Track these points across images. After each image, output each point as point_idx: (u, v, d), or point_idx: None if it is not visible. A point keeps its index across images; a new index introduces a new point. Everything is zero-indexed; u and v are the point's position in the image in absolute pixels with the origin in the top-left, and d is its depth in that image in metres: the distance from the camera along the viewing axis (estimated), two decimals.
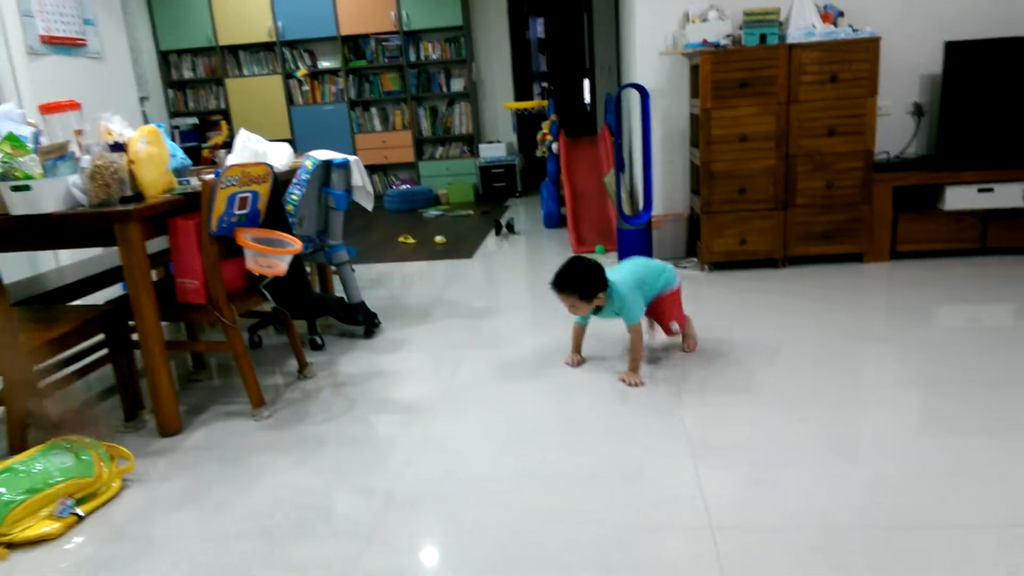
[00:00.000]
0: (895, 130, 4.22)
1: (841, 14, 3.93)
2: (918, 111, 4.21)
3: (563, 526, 1.81)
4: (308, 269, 3.40)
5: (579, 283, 2.60)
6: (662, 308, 2.84)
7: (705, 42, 3.91)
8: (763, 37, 3.80)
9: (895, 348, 2.80)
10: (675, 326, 2.85)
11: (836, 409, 2.32)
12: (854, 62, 3.68)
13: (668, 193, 4.46)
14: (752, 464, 2.02)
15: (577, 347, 2.89)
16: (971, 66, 3.77)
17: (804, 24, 3.81)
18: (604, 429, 2.31)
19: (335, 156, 3.21)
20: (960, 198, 3.80)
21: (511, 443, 2.26)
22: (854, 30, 3.78)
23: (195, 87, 7.70)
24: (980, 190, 3.78)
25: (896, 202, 3.90)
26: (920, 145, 4.24)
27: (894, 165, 3.98)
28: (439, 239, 5.43)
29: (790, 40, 3.77)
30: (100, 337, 2.54)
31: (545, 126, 5.74)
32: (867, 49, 3.66)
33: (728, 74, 3.73)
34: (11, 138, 2.26)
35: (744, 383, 2.56)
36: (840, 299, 3.40)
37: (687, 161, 4.40)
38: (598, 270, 2.60)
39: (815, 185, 3.85)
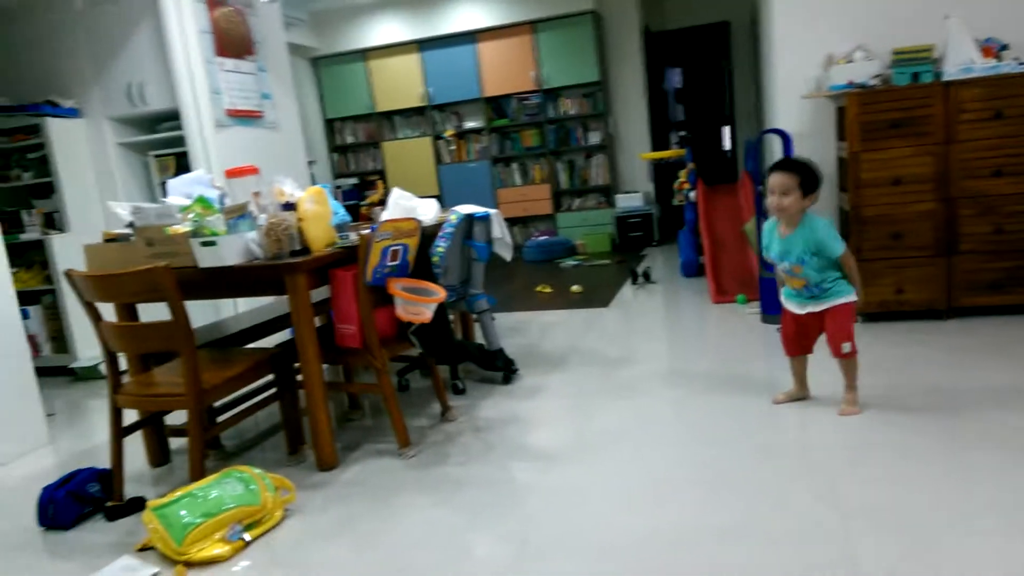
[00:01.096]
0: None
1: (1005, 47, 3.68)
2: None
3: None
4: (451, 317, 3.57)
5: (804, 169, 2.50)
6: (833, 319, 2.57)
7: (851, 83, 3.79)
8: (916, 76, 3.63)
9: None
10: (847, 347, 2.56)
11: (1009, 475, 2.12)
12: (1021, 97, 3.43)
13: None
14: (914, 534, 1.87)
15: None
16: None
17: (962, 60, 3.60)
18: (746, 485, 2.24)
19: (477, 210, 3.38)
20: None
21: (646, 496, 2.24)
22: (1020, 63, 3.52)
23: (355, 150, 8.36)
24: None
25: None
26: None
27: None
28: (575, 288, 5.50)
29: (946, 77, 3.58)
30: (270, 377, 2.80)
31: (682, 175, 5.71)
32: None
33: (878, 115, 3.59)
34: (201, 200, 2.58)
35: (907, 446, 2.40)
36: (1017, 355, 3.10)
37: (835, 206, 4.23)
38: (818, 177, 2.54)
39: (982, 230, 3.58)
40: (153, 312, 2.55)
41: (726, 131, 9.16)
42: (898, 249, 3.67)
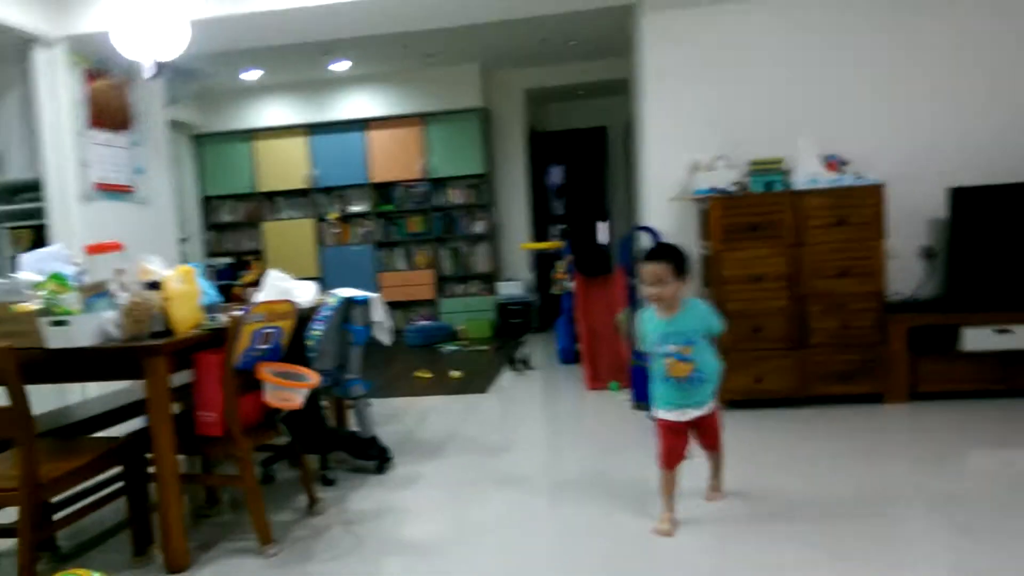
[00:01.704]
0: (906, 271, 4.30)
1: (845, 163, 4.13)
2: (928, 253, 4.31)
3: None
4: (324, 403, 3.45)
5: (676, 255, 2.48)
6: (715, 416, 2.61)
7: (713, 188, 4.11)
8: (768, 184, 3.98)
9: (920, 496, 2.72)
10: (720, 441, 2.67)
11: (875, 562, 2.24)
12: (860, 207, 3.83)
13: None
14: None
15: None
16: (977, 211, 3.90)
17: (809, 172, 4.00)
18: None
19: (357, 294, 3.35)
20: (978, 339, 3.80)
21: None
22: (858, 177, 3.95)
23: (233, 229, 8.11)
24: (998, 331, 3.79)
25: (913, 342, 3.91)
26: (933, 286, 4.30)
27: (908, 306, 4.03)
28: (455, 373, 5.48)
29: (795, 187, 3.95)
30: (118, 469, 2.57)
31: (560, 266, 5.92)
32: (872, 195, 3.82)
33: (737, 218, 3.89)
34: (56, 277, 2.41)
35: (763, 524, 2.50)
36: (861, 442, 3.34)
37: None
38: (685, 257, 2.52)
39: (830, 325, 3.89)
40: None
41: (602, 226, 9.62)
42: (757, 341, 3.93)
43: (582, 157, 9.86)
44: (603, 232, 8.22)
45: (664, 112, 4.56)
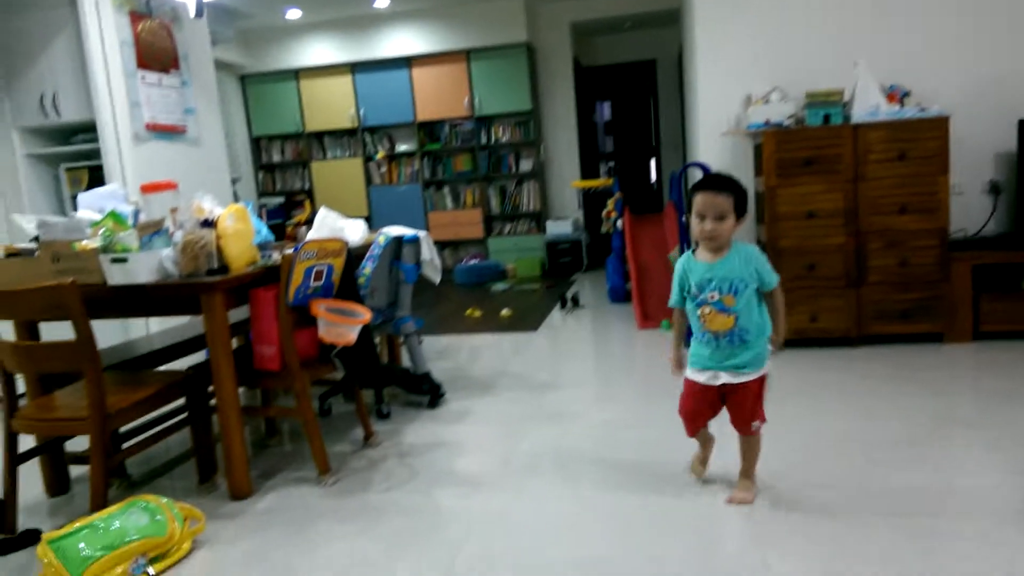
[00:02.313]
0: (971, 208, 4.12)
1: (907, 94, 3.92)
2: (994, 189, 4.11)
3: None
4: (377, 340, 3.51)
5: (738, 188, 2.09)
6: (748, 394, 2.17)
7: (768, 122, 3.96)
8: (827, 117, 3.82)
9: (982, 435, 2.66)
10: (757, 424, 2.20)
11: (918, 495, 2.21)
12: (923, 140, 3.65)
13: None
14: (820, 555, 1.93)
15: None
16: None
17: (869, 104, 3.82)
18: (665, 518, 2.26)
19: (406, 232, 3.36)
20: None
21: (569, 524, 2.24)
22: (921, 109, 3.76)
23: (283, 169, 8.19)
24: None
25: (977, 281, 3.76)
26: (999, 223, 4.12)
27: (972, 243, 3.87)
28: (505, 312, 5.51)
29: (855, 120, 3.78)
30: (181, 401, 2.68)
31: (610, 203, 5.83)
32: (936, 127, 3.64)
33: (792, 153, 3.76)
34: (113, 215, 2.47)
35: (816, 468, 2.48)
36: (921, 380, 3.26)
37: (754, 238, 4.38)
38: (746, 194, 2.13)
39: (889, 263, 3.77)
40: (55, 332, 2.41)
41: (652, 163, 9.43)
42: (812, 279, 3.83)
43: (631, 92, 9.59)
44: (653, 169, 8.06)
45: (716, 43, 4.37)
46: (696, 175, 4.67)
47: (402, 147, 7.92)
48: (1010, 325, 3.74)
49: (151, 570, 2.07)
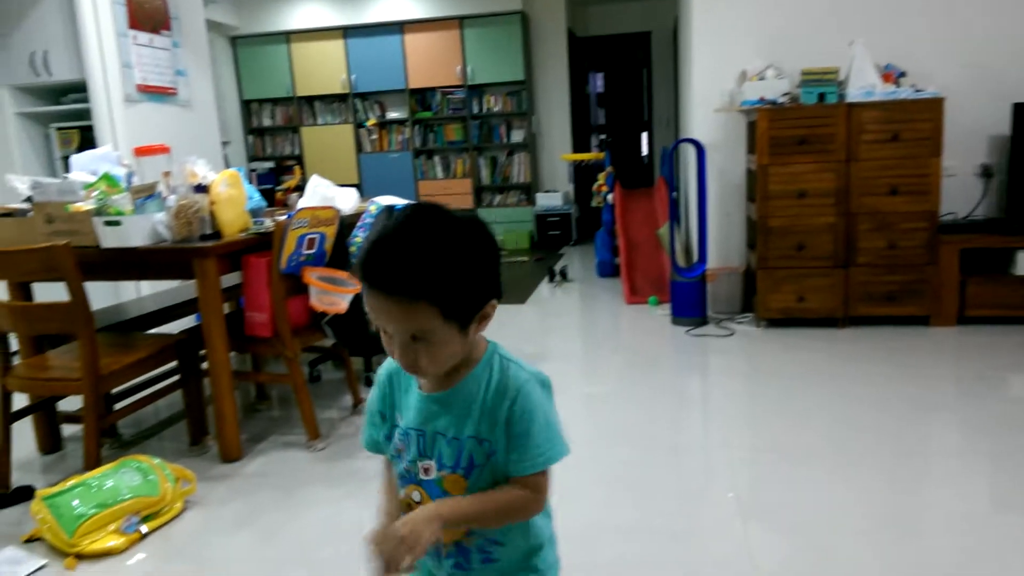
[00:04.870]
0: (962, 191, 4.15)
1: (903, 74, 3.93)
2: (986, 172, 4.14)
3: None
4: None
5: (450, 272, 0.89)
6: None
7: (762, 99, 3.96)
8: (822, 96, 3.83)
9: (961, 418, 2.72)
10: None
11: (895, 479, 2.27)
12: (917, 122, 3.67)
13: (724, 247, 4.47)
14: (803, 530, 1.98)
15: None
16: None
17: (864, 84, 3.83)
18: (652, 485, 2.31)
19: (397, 202, 3.36)
20: None
21: (555, 492, 2.28)
22: (916, 90, 3.77)
23: (273, 134, 8.12)
24: None
25: (964, 265, 3.80)
26: (989, 207, 4.15)
27: (961, 227, 3.90)
28: None
29: (849, 99, 3.79)
30: (173, 364, 2.69)
31: (601, 177, 5.84)
32: (930, 109, 3.65)
33: (786, 131, 3.77)
34: (107, 178, 2.46)
35: (797, 445, 2.54)
36: (904, 363, 3.32)
37: (743, 215, 4.42)
38: (490, 246, 0.96)
39: (877, 244, 3.81)
40: (49, 292, 2.41)
41: (644, 137, 9.41)
42: (800, 259, 3.87)
43: (625, 64, 9.53)
44: (645, 143, 8.06)
45: (712, 17, 4.35)
46: (689, 151, 4.68)
47: (393, 114, 7.86)
48: (995, 310, 3.78)
49: (143, 528, 2.11)
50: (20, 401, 2.54)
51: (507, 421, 0.94)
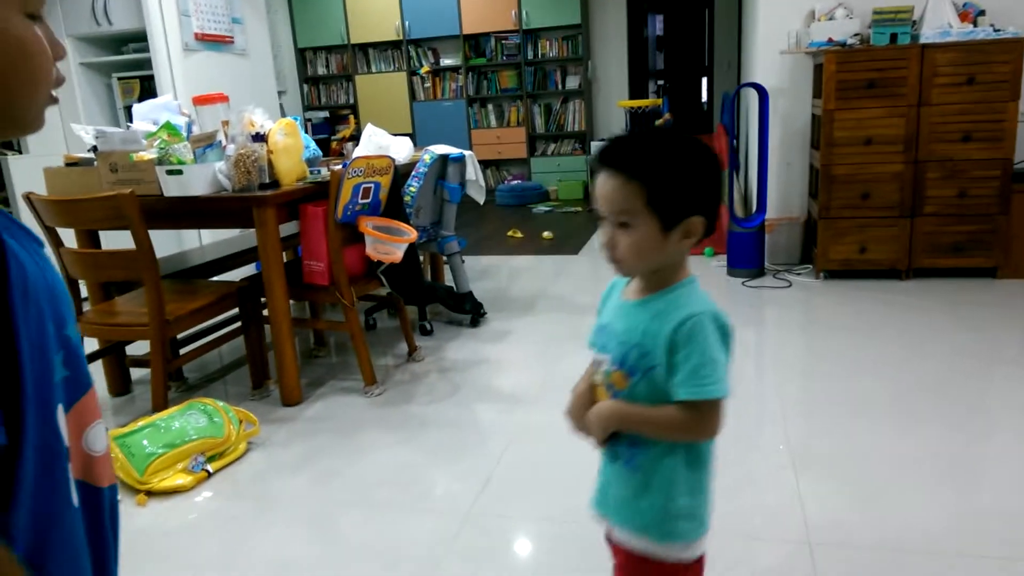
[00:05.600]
0: None
1: (982, 13, 3.69)
2: None
3: None
4: (421, 258, 3.55)
5: (663, 169, 1.00)
6: (625, 567, 1.13)
7: (831, 40, 3.78)
8: (894, 37, 3.62)
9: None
10: None
11: (955, 432, 2.21)
12: (994, 64, 3.46)
13: (784, 196, 4.34)
14: (857, 480, 1.96)
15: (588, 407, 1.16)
16: None
17: (940, 23, 3.61)
18: None
19: (452, 151, 3.34)
20: None
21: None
22: (996, 30, 3.54)
23: (327, 83, 8.13)
24: None
25: None
26: None
27: None
28: (547, 234, 5.51)
29: (923, 40, 3.58)
30: (235, 311, 2.77)
31: (658, 124, 5.69)
32: (1010, 50, 3.43)
33: (854, 74, 3.59)
34: (168, 127, 2.50)
35: (854, 397, 2.49)
36: (969, 316, 3.21)
37: (806, 163, 4.26)
38: (714, 168, 1.04)
39: (946, 193, 3.64)
40: (114, 240, 2.50)
41: (704, 82, 9.10)
42: (864, 208, 3.73)
43: (686, 4, 9.17)
44: (705, 89, 7.80)
45: None
46: (751, 97, 4.51)
47: (446, 61, 7.77)
48: None
49: (209, 468, 2.21)
50: (91, 345, 2.66)
51: (672, 344, 1.00)
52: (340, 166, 2.58)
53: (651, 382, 1.03)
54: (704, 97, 9.17)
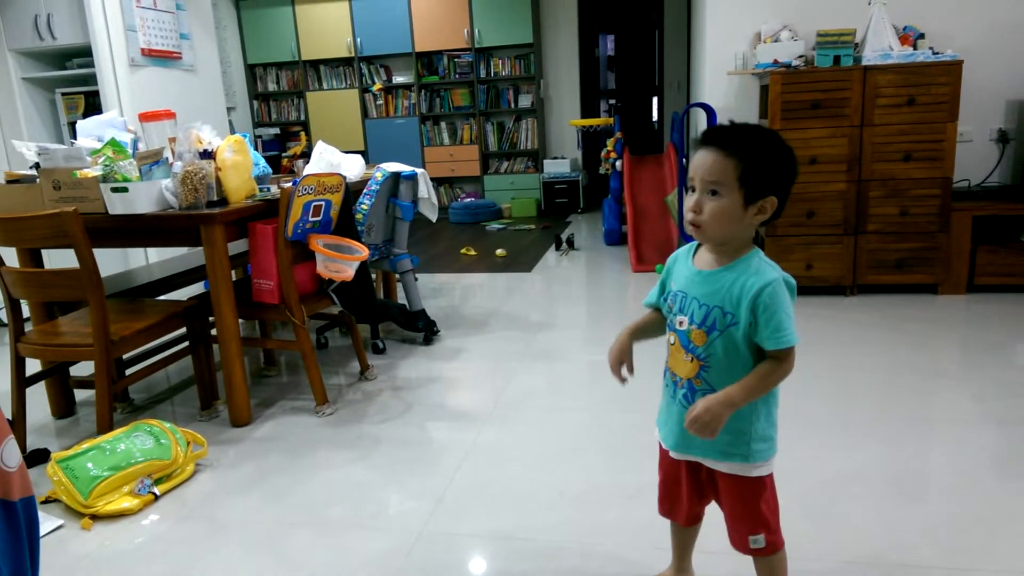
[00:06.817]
0: (977, 157, 4.10)
1: (921, 36, 3.86)
2: (1003, 138, 4.08)
3: (603, 545, 1.84)
4: (373, 276, 3.54)
5: (759, 150, 1.22)
6: (735, 495, 1.37)
7: (776, 62, 3.90)
8: (837, 59, 3.76)
9: (968, 386, 2.71)
10: (759, 540, 1.38)
11: (899, 445, 2.27)
12: (934, 85, 3.60)
13: None
14: (802, 496, 2.00)
15: (625, 352, 1.54)
16: None
17: (881, 46, 3.76)
18: (655, 449, 2.32)
19: (404, 168, 3.34)
20: None
21: (560, 457, 2.31)
22: (935, 53, 3.70)
23: (278, 99, 8.06)
24: None
25: (975, 233, 3.77)
26: (1003, 174, 4.10)
27: (975, 194, 3.86)
28: (500, 252, 5.53)
29: (865, 62, 3.72)
30: (182, 330, 2.71)
31: (610, 143, 5.78)
32: (948, 73, 3.58)
33: (799, 95, 3.71)
34: (113, 143, 2.45)
35: (798, 412, 2.54)
36: (911, 331, 3.31)
37: None
38: (793, 160, 1.26)
39: (888, 211, 3.77)
40: (58, 259, 2.43)
41: (655, 102, 9.29)
42: (809, 226, 3.84)
43: (637, 25, 9.37)
44: (655, 109, 7.95)
45: None
46: (700, 116, 4.62)
47: (399, 79, 7.78)
48: (1005, 278, 3.76)
49: (156, 490, 2.15)
50: (33, 367, 2.57)
51: (756, 303, 1.23)
52: (290, 183, 2.55)
53: (728, 337, 1.27)
54: (655, 116, 9.36)
